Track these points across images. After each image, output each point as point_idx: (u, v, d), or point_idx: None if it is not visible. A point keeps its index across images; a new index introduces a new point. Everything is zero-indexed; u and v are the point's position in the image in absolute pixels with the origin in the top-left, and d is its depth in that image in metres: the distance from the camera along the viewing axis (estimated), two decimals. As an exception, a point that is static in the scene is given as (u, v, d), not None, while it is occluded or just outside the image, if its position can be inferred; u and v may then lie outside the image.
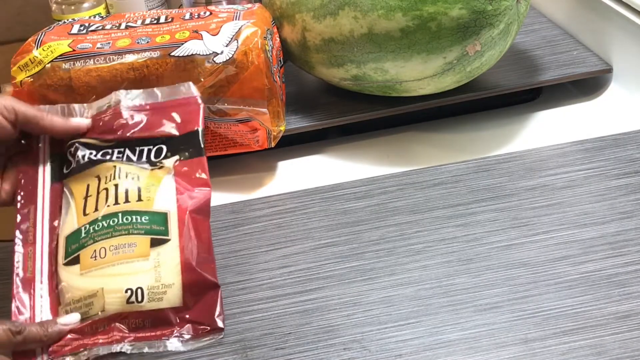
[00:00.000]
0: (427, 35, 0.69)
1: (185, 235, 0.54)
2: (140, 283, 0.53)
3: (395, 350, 0.51)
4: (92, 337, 0.52)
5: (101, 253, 0.54)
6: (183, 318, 0.53)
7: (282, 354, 0.52)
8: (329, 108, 0.79)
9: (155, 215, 0.55)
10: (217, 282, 0.54)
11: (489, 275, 0.56)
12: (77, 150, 0.59)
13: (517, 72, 0.81)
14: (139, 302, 0.52)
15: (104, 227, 0.55)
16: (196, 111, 0.60)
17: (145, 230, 0.54)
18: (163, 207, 0.56)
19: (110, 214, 0.55)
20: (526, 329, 0.51)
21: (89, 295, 0.53)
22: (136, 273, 0.53)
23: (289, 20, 0.78)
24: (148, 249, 0.54)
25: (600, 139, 0.70)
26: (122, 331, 0.52)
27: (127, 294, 0.52)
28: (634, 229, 0.58)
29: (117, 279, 0.53)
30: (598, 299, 0.52)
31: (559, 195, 0.63)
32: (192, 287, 0.53)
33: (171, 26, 0.74)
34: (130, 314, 0.52)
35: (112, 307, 0.52)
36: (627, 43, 0.78)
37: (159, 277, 0.53)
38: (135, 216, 0.55)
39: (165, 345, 0.52)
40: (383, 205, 0.65)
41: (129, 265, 0.53)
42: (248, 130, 0.71)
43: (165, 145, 0.59)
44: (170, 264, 0.53)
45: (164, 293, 0.53)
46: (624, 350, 0.48)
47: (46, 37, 0.73)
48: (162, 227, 0.55)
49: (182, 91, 0.61)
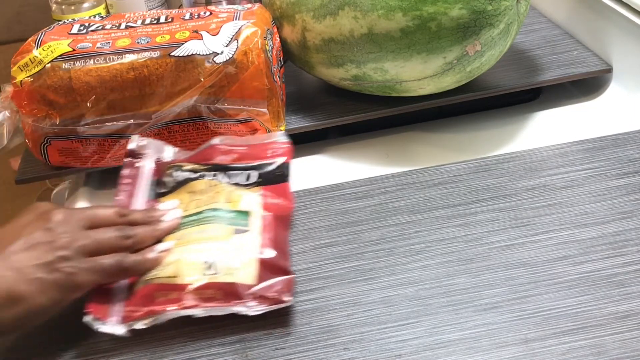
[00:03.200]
0: (427, 35, 0.69)
1: (265, 231, 0.59)
2: (218, 258, 0.56)
3: (395, 350, 0.51)
4: (163, 304, 0.54)
5: (185, 236, 0.58)
6: (253, 293, 0.54)
7: (282, 354, 0.52)
8: (329, 108, 0.79)
9: (239, 213, 0.60)
10: (291, 271, 0.56)
11: (489, 275, 0.56)
12: (174, 172, 0.66)
13: (517, 72, 0.81)
14: (214, 274, 0.55)
15: (191, 220, 0.60)
16: (287, 149, 0.69)
17: (229, 222, 0.59)
18: (248, 208, 0.61)
19: (199, 212, 0.60)
20: (526, 329, 0.51)
21: (167, 263, 0.56)
22: (216, 250, 0.56)
23: (289, 20, 0.78)
24: (230, 235, 0.58)
25: (600, 139, 0.70)
26: (194, 299, 0.54)
27: (204, 266, 0.55)
28: (634, 229, 0.58)
29: (196, 253, 0.56)
30: (598, 299, 0.52)
31: (559, 195, 0.63)
32: (266, 268, 0.56)
33: (171, 26, 0.74)
34: (204, 284, 0.54)
35: (187, 277, 0.55)
36: (627, 43, 0.78)
37: (236, 255, 0.56)
38: (220, 212, 0.60)
39: (237, 310, 0.54)
40: (383, 205, 0.65)
41: (209, 243, 0.57)
42: (248, 131, 0.71)
43: (256, 171, 0.66)
44: (248, 247, 0.57)
45: (238, 270, 0.55)
46: (624, 350, 0.48)
47: (46, 37, 0.73)
48: (244, 221, 0.59)
49: (275, 135, 0.70)
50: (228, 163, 0.67)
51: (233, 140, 0.69)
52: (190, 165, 0.66)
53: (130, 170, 0.67)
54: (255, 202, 0.62)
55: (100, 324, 0.53)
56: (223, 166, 0.66)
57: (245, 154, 0.68)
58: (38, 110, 0.71)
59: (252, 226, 0.59)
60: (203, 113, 0.71)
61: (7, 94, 0.72)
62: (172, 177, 0.65)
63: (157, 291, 0.55)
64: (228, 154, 0.68)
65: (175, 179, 0.65)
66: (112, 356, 0.54)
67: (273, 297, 0.54)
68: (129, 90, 0.70)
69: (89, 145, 0.72)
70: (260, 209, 0.61)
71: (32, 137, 0.73)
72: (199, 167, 0.66)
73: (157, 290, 0.55)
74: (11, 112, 0.72)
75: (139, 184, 0.66)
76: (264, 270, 0.56)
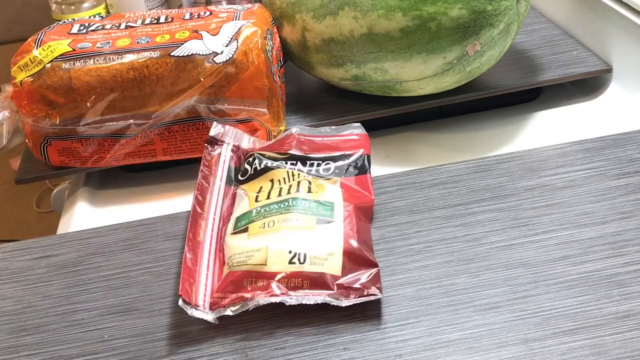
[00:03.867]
0: (427, 35, 0.69)
1: (348, 222, 0.58)
2: (303, 247, 0.56)
3: (395, 350, 0.51)
4: (251, 291, 0.54)
5: (270, 224, 0.58)
6: (341, 285, 0.54)
7: (282, 354, 0.52)
8: (329, 108, 0.79)
9: (322, 203, 0.60)
10: (376, 262, 0.56)
11: (489, 275, 0.56)
12: (254, 160, 0.66)
13: (517, 72, 0.81)
14: (301, 263, 0.55)
15: (275, 208, 0.60)
16: (366, 141, 0.68)
17: (313, 212, 0.59)
18: (330, 199, 0.61)
19: (282, 200, 0.60)
20: (526, 329, 0.51)
21: (253, 250, 0.56)
22: (301, 239, 0.56)
23: (289, 20, 0.78)
24: (314, 225, 0.58)
25: (600, 139, 0.70)
26: (281, 288, 0.54)
27: (290, 255, 0.55)
28: (634, 229, 0.58)
29: (282, 242, 0.56)
30: (598, 299, 0.52)
31: (559, 195, 0.63)
32: (351, 260, 0.55)
33: (171, 26, 0.74)
34: (291, 273, 0.54)
35: (274, 265, 0.55)
36: (627, 43, 0.78)
37: (322, 245, 0.56)
38: (304, 201, 0.60)
39: (325, 300, 0.53)
40: (383, 205, 0.65)
41: (294, 232, 0.57)
42: (248, 131, 0.71)
43: (335, 162, 0.66)
44: (333, 237, 0.57)
45: (325, 259, 0.55)
46: (624, 350, 0.48)
47: (46, 36, 0.73)
48: (328, 212, 0.59)
49: (353, 126, 0.70)
50: (306, 153, 0.67)
51: (310, 130, 0.70)
52: (269, 154, 0.67)
53: (210, 156, 0.68)
54: (336, 193, 0.62)
55: (192, 309, 0.54)
56: (301, 156, 0.66)
57: (322, 145, 0.68)
58: (38, 110, 0.71)
59: (335, 217, 0.59)
60: (203, 113, 0.71)
61: (7, 94, 0.72)
62: (252, 165, 0.66)
63: (245, 278, 0.55)
64: (306, 145, 0.68)
65: (255, 167, 0.65)
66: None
67: (362, 289, 0.54)
68: (129, 90, 0.70)
69: (89, 145, 0.73)
70: (341, 199, 0.61)
71: (32, 137, 0.73)
72: (278, 155, 0.66)
73: (245, 277, 0.55)
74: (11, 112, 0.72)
75: (218, 171, 0.66)
76: (349, 262, 0.55)
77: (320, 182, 0.63)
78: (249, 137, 0.71)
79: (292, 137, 0.69)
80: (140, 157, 0.74)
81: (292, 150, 0.67)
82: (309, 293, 0.54)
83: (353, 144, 0.68)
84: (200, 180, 0.65)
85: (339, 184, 0.63)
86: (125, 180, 0.78)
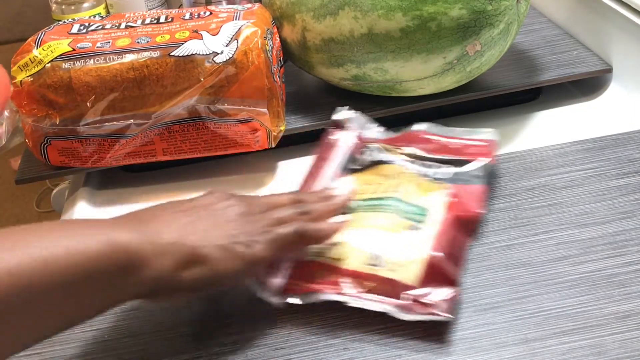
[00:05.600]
0: (427, 35, 0.69)
1: (442, 233, 0.56)
2: (384, 250, 0.54)
3: (395, 350, 0.51)
4: (321, 284, 0.54)
5: (358, 220, 0.57)
6: (413, 296, 0.52)
7: (282, 354, 0.52)
8: (329, 108, 0.79)
9: (420, 208, 0.58)
10: (458, 282, 0.53)
11: (489, 275, 0.56)
12: (370, 151, 0.65)
13: (517, 72, 0.81)
14: (376, 266, 0.53)
15: (370, 204, 0.59)
16: (491, 150, 0.65)
17: (405, 216, 0.57)
18: (429, 205, 0.58)
19: (380, 197, 0.59)
20: (526, 329, 0.51)
21: (335, 243, 0.55)
22: (384, 241, 0.55)
23: (289, 20, 0.78)
24: (402, 229, 0.56)
25: (600, 139, 0.70)
26: (351, 287, 0.53)
27: (368, 255, 0.54)
28: (634, 229, 0.58)
29: (364, 240, 0.55)
30: (598, 299, 0.52)
31: (559, 195, 0.63)
32: (432, 273, 0.53)
33: (171, 26, 0.74)
34: (365, 274, 0.53)
35: (350, 262, 0.54)
36: (627, 43, 0.78)
37: (403, 252, 0.54)
38: (401, 203, 0.58)
39: (388, 310, 0.52)
40: (383, 205, 0.65)
41: (379, 232, 0.56)
42: (248, 131, 0.71)
43: (451, 167, 0.63)
44: (418, 246, 0.54)
45: (402, 267, 0.53)
46: (624, 350, 0.48)
47: (46, 36, 0.73)
48: (421, 217, 0.57)
49: (484, 131, 0.67)
50: (425, 152, 0.65)
51: (439, 128, 0.68)
52: (386, 147, 0.65)
53: (330, 140, 0.68)
54: (439, 199, 0.59)
55: (262, 291, 0.54)
56: (420, 155, 0.65)
57: (444, 147, 0.66)
58: (38, 110, 0.71)
59: (428, 224, 0.56)
60: (203, 113, 0.70)
61: (7, 94, 0.72)
62: (366, 156, 0.65)
63: (318, 270, 0.55)
64: (427, 143, 0.66)
65: (369, 159, 0.64)
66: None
67: (430, 306, 0.51)
68: (129, 90, 0.70)
69: (89, 145, 0.72)
70: (443, 208, 0.58)
71: (32, 137, 0.73)
72: (395, 150, 0.65)
73: (319, 268, 0.55)
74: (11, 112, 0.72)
75: (335, 155, 0.66)
76: (428, 274, 0.53)
77: (427, 186, 0.61)
78: (374, 126, 0.69)
79: (417, 133, 0.67)
80: (140, 157, 0.73)
81: (412, 147, 0.65)
82: (375, 299, 0.52)
83: (478, 150, 0.65)
84: (314, 162, 0.65)
85: (448, 191, 0.60)
86: (125, 180, 0.78)
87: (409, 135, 0.67)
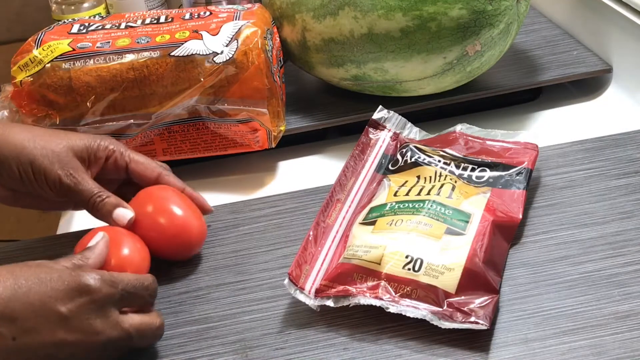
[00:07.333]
0: (427, 35, 0.69)
1: (481, 238, 0.54)
2: (422, 255, 0.53)
3: (395, 350, 0.51)
4: (358, 287, 0.53)
5: (397, 223, 0.56)
6: (451, 303, 0.51)
7: (282, 354, 0.52)
8: (329, 108, 0.79)
9: (460, 212, 0.57)
10: (497, 289, 0.52)
11: (489, 275, 0.56)
12: (407, 152, 0.64)
13: (517, 72, 0.81)
14: (415, 271, 0.52)
15: (409, 207, 0.57)
16: (533, 155, 0.63)
17: (445, 220, 0.56)
18: (469, 209, 0.57)
19: (418, 200, 0.58)
20: (526, 329, 0.51)
21: (372, 246, 0.55)
22: (423, 246, 0.54)
23: (289, 20, 0.78)
24: (442, 234, 0.55)
25: (600, 139, 0.70)
26: (388, 292, 0.52)
27: (407, 260, 0.53)
28: (634, 229, 0.58)
29: (403, 244, 0.54)
30: (598, 299, 0.52)
31: (559, 195, 0.63)
32: (470, 280, 0.52)
33: (171, 26, 0.74)
34: (402, 279, 0.52)
35: (388, 266, 0.53)
36: (627, 43, 0.78)
37: (442, 258, 0.53)
38: (440, 207, 0.57)
39: (426, 316, 0.51)
40: (383, 205, 0.65)
41: (418, 237, 0.55)
42: (248, 131, 0.71)
43: (492, 170, 0.62)
44: (457, 252, 0.53)
45: (441, 273, 0.52)
46: (624, 350, 0.48)
47: (46, 36, 0.73)
48: (461, 223, 0.56)
49: (524, 134, 0.66)
50: (464, 155, 0.64)
51: (478, 130, 0.67)
52: (425, 148, 0.64)
53: (367, 140, 0.67)
54: (479, 203, 0.58)
55: (296, 291, 0.53)
56: (458, 157, 0.63)
57: (484, 149, 0.65)
58: (38, 110, 0.71)
59: (467, 230, 0.55)
60: (203, 113, 0.70)
61: (7, 94, 0.72)
62: (404, 157, 0.64)
63: (356, 272, 0.54)
64: (467, 145, 0.65)
65: (407, 160, 0.63)
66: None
67: (469, 314, 0.50)
68: (129, 90, 0.70)
69: (89, 145, 0.72)
70: (482, 212, 0.57)
71: (32, 137, 0.73)
72: (433, 152, 0.64)
73: (357, 271, 0.54)
74: (11, 112, 0.72)
75: (371, 156, 0.66)
76: (466, 281, 0.51)
77: (467, 189, 0.60)
78: (411, 126, 0.69)
79: (455, 135, 0.66)
80: (140, 157, 0.73)
81: (450, 149, 0.64)
82: (414, 305, 0.51)
83: (518, 154, 0.63)
84: (350, 162, 0.65)
85: (488, 195, 0.59)
86: (125, 180, 0.78)
87: (448, 136, 0.67)
